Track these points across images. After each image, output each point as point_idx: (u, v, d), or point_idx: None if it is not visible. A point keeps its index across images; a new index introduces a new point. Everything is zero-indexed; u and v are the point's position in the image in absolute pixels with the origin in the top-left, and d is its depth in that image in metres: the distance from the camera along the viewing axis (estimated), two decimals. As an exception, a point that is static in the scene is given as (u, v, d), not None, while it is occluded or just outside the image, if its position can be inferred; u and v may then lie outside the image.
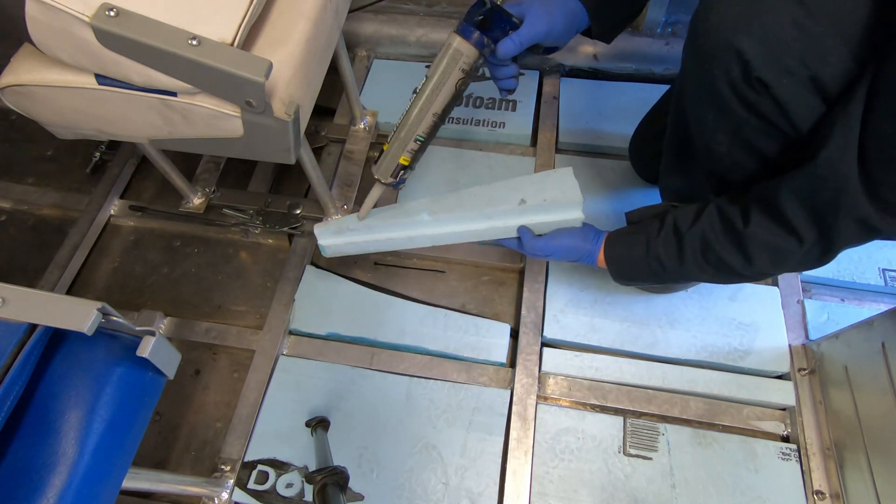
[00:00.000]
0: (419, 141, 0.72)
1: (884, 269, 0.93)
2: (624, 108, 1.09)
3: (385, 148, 0.73)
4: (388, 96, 1.16)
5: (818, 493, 0.77)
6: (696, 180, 0.73)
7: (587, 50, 1.15)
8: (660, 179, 0.82)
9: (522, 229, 0.77)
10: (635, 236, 0.70)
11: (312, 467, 0.78)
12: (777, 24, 0.53)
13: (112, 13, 0.52)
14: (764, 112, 0.56)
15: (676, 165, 0.77)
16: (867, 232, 0.54)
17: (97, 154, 1.13)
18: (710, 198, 0.73)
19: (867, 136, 0.49)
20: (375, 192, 0.78)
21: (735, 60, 0.55)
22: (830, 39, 0.52)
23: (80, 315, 0.44)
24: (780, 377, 0.86)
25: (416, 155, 0.74)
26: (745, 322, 0.89)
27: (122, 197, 1.09)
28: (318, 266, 0.99)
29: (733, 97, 0.57)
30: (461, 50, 0.66)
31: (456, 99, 0.70)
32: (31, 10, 0.53)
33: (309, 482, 0.66)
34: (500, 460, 0.81)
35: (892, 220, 0.52)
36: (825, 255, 0.58)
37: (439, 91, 0.69)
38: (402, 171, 0.74)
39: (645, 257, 0.68)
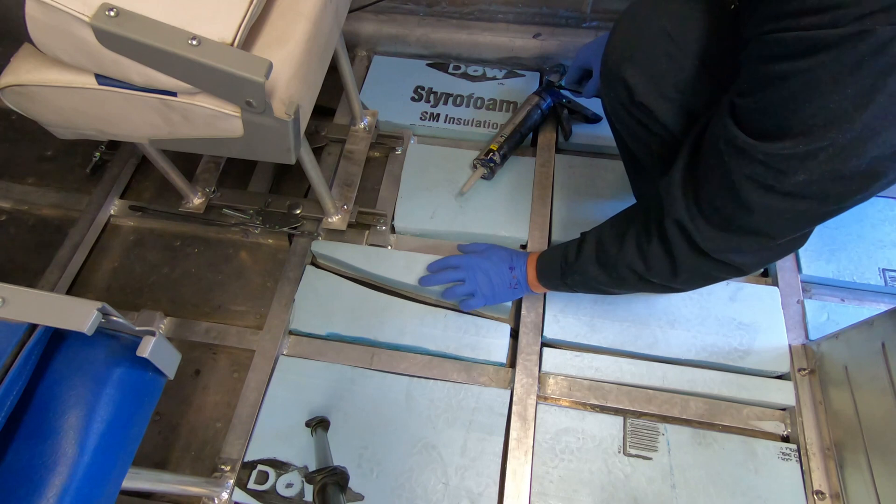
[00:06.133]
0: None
1: (884, 269, 0.93)
2: (624, 108, 1.09)
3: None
4: (388, 95, 1.16)
5: (818, 493, 0.77)
6: (651, 181, 0.83)
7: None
8: (631, 185, 0.94)
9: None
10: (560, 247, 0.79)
11: (312, 467, 0.78)
12: (653, 56, 0.62)
13: (112, 13, 0.52)
14: (652, 129, 0.67)
15: (632, 169, 0.88)
16: (683, 236, 0.59)
17: (97, 154, 1.13)
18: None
19: (693, 157, 0.58)
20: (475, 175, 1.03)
21: (622, 87, 0.65)
22: (696, 70, 0.60)
23: (80, 315, 0.44)
24: (780, 377, 0.86)
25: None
26: (745, 322, 0.89)
27: (122, 197, 1.09)
28: (318, 266, 0.99)
29: (627, 115, 0.68)
30: None
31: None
32: (31, 10, 0.53)
33: (309, 482, 0.66)
34: (500, 460, 0.81)
35: (700, 224, 0.58)
36: (673, 264, 0.63)
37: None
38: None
39: (559, 257, 0.77)
